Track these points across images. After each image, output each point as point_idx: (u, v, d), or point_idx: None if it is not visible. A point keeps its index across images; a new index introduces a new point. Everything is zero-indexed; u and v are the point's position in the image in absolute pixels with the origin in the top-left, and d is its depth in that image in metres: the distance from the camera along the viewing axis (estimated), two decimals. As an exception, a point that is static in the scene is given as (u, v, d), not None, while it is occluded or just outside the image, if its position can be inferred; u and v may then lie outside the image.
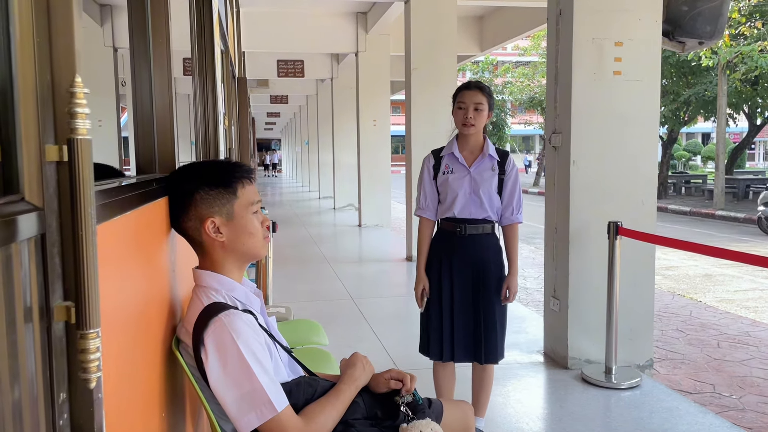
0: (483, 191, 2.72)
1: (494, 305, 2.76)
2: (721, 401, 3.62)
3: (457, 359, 2.81)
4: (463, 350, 2.78)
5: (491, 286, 2.76)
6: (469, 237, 2.75)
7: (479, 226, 2.75)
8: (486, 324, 2.75)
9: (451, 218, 2.77)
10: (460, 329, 2.77)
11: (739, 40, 13.98)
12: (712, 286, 7.02)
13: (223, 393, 1.37)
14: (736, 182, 17.35)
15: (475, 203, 2.73)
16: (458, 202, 2.74)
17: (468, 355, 2.80)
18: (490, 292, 2.76)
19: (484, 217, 2.74)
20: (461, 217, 2.75)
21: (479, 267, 2.75)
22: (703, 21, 3.92)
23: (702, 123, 26.66)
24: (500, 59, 30.66)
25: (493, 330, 2.75)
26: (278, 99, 19.58)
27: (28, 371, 0.70)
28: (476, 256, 2.75)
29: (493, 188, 2.74)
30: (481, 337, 2.75)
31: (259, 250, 1.57)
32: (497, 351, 2.78)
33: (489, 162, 2.76)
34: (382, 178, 10.90)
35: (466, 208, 2.74)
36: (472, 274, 2.76)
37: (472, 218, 2.74)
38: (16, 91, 0.70)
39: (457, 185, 2.75)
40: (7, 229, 0.65)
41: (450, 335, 2.78)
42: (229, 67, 5.11)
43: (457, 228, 2.75)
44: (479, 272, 2.75)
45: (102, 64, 8.22)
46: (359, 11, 10.38)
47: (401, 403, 1.63)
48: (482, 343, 2.75)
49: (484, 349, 2.76)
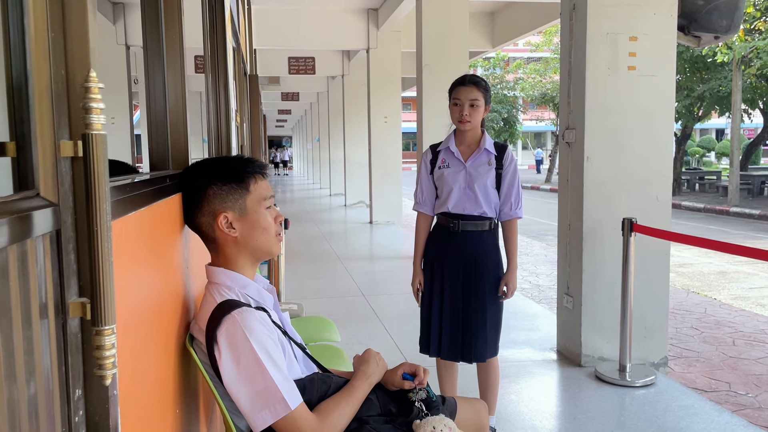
0: (478, 186, 2.69)
1: (486, 304, 2.72)
2: (737, 400, 3.58)
3: (444, 356, 2.80)
4: (449, 347, 2.77)
5: (485, 285, 2.72)
6: (463, 233, 2.72)
7: (475, 222, 2.72)
8: (476, 323, 2.72)
9: (446, 213, 2.75)
10: (448, 326, 2.75)
11: (754, 35, 13.82)
12: (726, 283, 6.95)
13: (236, 390, 1.37)
14: (750, 179, 17.17)
15: (470, 198, 2.71)
16: (452, 197, 2.72)
17: (455, 353, 2.78)
18: (484, 291, 2.72)
19: (480, 213, 2.71)
20: (455, 212, 2.72)
21: (472, 264, 2.72)
22: (719, 15, 3.87)
23: (716, 119, 26.41)
24: (512, 55, 30.56)
25: (483, 329, 2.72)
26: (289, 96, 19.61)
27: (44, 368, 0.70)
28: (468, 253, 2.72)
29: (490, 183, 2.71)
30: (470, 336, 2.72)
31: (272, 247, 1.57)
32: (486, 350, 2.75)
33: (486, 156, 2.73)
34: (393, 175, 10.89)
35: (460, 203, 2.72)
36: (463, 272, 2.73)
37: (467, 214, 2.71)
38: (30, 86, 0.70)
39: (452, 180, 2.73)
40: (23, 225, 0.65)
41: (438, 331, 2.77)
42: (241, 64, 5.12)
43: (451, 223, 2.73)
44: (472, 270, 2.72)
45: (115, 61, 8.27)
46: (370, 7, 10.37)
47: (415, 399, 1.62)
48: (471, 341, 2.72)
49: (473, 349, 2.73)
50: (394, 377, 1.66)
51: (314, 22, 10.20)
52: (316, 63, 12.52)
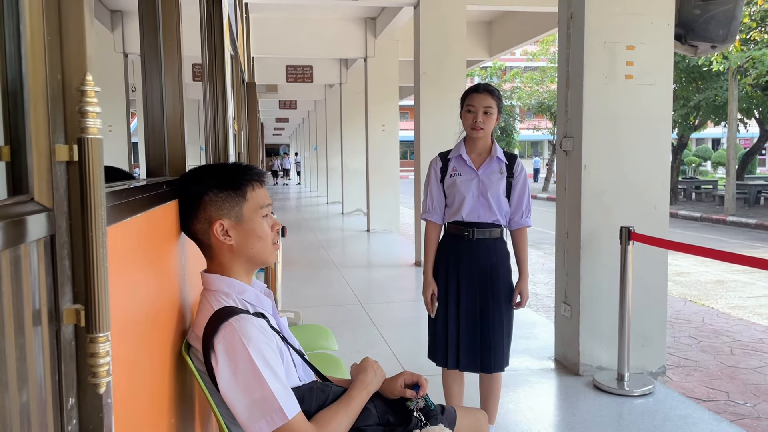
0: (491, 194, 2.69)
1: (502, 312, 2.71)
2: (735, 409, 3.57)
3: (462, 367, 2.76)
4: (468, 358, 2.73)
5: (500, 292, 2.71)
6: (477, 241, 2.71)
7: (488, 230, 2.71)
8: (493, 332, 2.70)
9: (459, 222, 2.74)
10: (466, 337, 2.72)
11: (750, 45, 13.90)
12: (724, 292, 6.95)
13: (233, 399, 1.35)
14: (747, 188, 17.21)
15: (484, 206, 2.70)
16: (466, 205, 2.71)
17: (474, 364, 2.74)
18: (499, 299, 2.71)
19: (493, 220, 2.71)
20: (469, 220, 2.71)
21: (487, 272, 2.71)
22: (716, 24, 3.88)
23: (712, 128, 26.53)
24: (509, 64, 30.67)
25: (501, 338, 2.70)
26: (287, 104, 19.64)
27: (37, 375, 0.68)
28: (484, 260, 2.71)
29: (501, 191, 2.71)
30: (490, 345, 2.70)
31: (268, 256, 1.55)
32: (503, 359, 2.74)
33: (497, 165, 2.73)
34: (390, 183, 10.90)
35: (474, 211, 2.71)
36: (479, 280, 2.71)
37: (481, 222, 2.71)
38: (26, 89, 0.69)
39: (464, 188, 2.71)
40: (16, 230, 0.64)
41: (455, 342, 2.74)
42: (239, 72, 5.12)
43: (465, 232, 2.71)
44: (487, 277, 2.71)
45: (112, 69, 8.27)
46: (368, 16, 10.40)
47: (413, 408, 1.61)
48: (490, 351, 2.70)
49: (492, 358, 2.70)
50: (393, 386, 1.64)
51: (312, 31, 10.23)
52: (314, 71, 12.56)
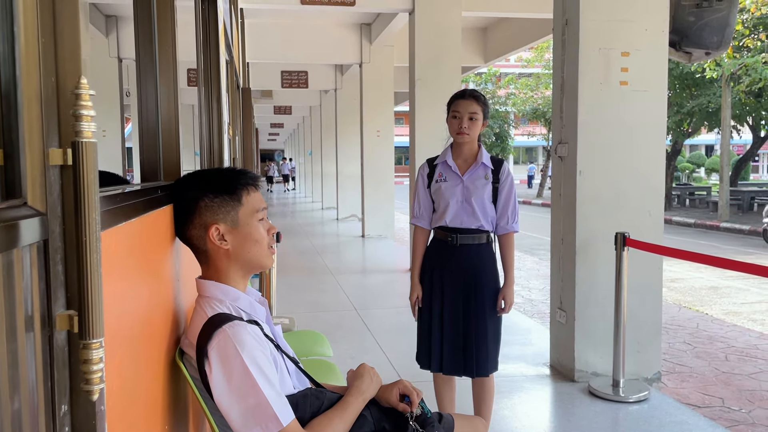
0: (476, 199, 2.70)
1: (486, 317, 2.72)
2: (730, 415, 3.57)
3: (446, 371, 2.78)
4: (451, 362, 2.75)
5: (484, 298, 2.72)
6: (461, 247, 2.72)
7: (472, 236, 2.72)
8: (477, 336, 2.70)
9: (444, 227, 2.75)
10: (449, 341, 2.73)
11: (743, 52, 13.99)
12: (718, 298, 6.96)
13: (227, 406, 1.34)
14: (740, 194, 17.31)
15: (467, 212, 2.71)
16: (450, 211, 2.72)
17: (457, 369, 2.76)
18: (483, 304, 2.71)
19: (477, 226, 2.71)
20: (453, 225, 2.72)
21: (471, 277, 2.72)
22: (710, 31, 3.90)
23: (705, 135, 26.66)
24: (503, 71, 30.77)
25: (484, 343, 2.71)
26: (282, 110, 19.65)
27: (29, 382, 0.67)
28: (468, 266, 2.72)
29: (487, 197, 2.72)
30: (472, 350, 2.71)
31: (264, 260, 1.54)
32: (488, 364, 2.74)
33: (483, 170, 2.74)
34: (385, 189, 10.90)
35: (457, 216, 2.72)
36: (463, 285, 2.72)
37: (465, 227, 2.71)
38: (19, 92, 0.69)
39: (449, 193, 2.73)
40: (9, 235, 0.63)
41: (439, 346, 2.75)
42: (234, 77, 5.12)
43: (449, 237, 2.73)
44: (471, 283, 2.72)
45: (107, 74, 8.26)
46: (363, 22, 10.42)
47: (410, 416, 1.59)
48: (473, 355, 2.71)
49: (476, 362, 2.71)
50: (389, 393, 1.63)
51: (307, 37, 10.24)
52: (309, 77, 12.57)
